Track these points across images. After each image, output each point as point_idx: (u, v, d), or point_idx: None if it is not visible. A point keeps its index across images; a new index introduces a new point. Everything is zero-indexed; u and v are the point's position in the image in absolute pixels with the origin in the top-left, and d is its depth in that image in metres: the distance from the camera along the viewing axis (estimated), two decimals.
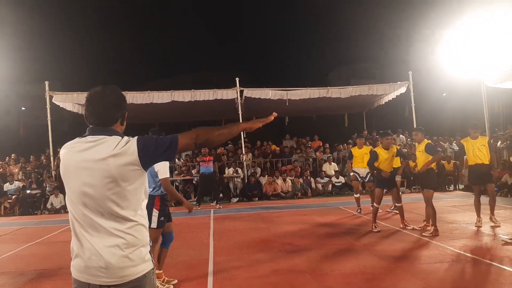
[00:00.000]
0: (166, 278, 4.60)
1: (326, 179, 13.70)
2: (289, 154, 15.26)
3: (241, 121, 13.39)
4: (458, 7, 14.37)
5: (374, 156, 7.02)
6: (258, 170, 14.19)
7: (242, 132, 13.86)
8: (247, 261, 5.42)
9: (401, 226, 7.13)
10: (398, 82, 14.10)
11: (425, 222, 6.86)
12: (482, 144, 6.87)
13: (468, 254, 5.16)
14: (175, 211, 11.10)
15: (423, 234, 6.47)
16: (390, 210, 8.90)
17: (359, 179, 8.94)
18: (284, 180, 13.24)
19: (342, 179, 13.93)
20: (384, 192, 7.13)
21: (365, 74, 28.11)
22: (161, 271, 4.57)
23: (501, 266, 4.61)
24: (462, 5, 13.82)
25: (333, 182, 13.69)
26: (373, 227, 6.98)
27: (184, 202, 4.52)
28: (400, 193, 7.56)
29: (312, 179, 13.75)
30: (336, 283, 4.33)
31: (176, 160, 14.83)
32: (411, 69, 14.20)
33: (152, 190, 4.32)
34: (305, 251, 5.80)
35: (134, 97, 12.36)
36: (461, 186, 12.64)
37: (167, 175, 4.29)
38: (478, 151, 6.87)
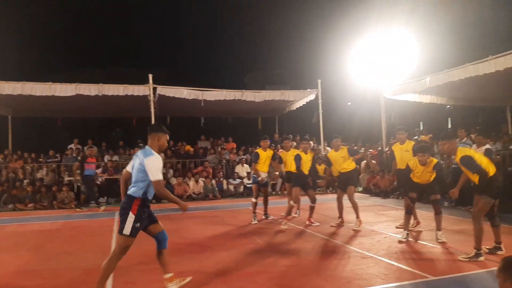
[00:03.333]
0: (179, 279, 4.17)
1: (238, 180, 13.86)
2: (203, 155, 15.15)
3: (153, 119, 12.94)
4: (364, 22, 15.61)
5: (298, 159, 7.57)
6: (171, 171, 13.82)
7: None
8: (151, 264, 5.19)
9: (307, 222, 7.58)
10: (308, 90, 14.81)
11: (340, 218, 7.37)
12: (406, 149, 7.09)
13: (365, 252, 5.57)
14: (75, 213, 10.37)
15: (353, 229, 7.08)
16: (334, 225, 7.71)
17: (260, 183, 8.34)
18: (196, 181, 13.09)
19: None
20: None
21: (279, 80, 29.18)
22: (172, 273, 4.13)
23: (390, 261, 5.06)
24: (367, 20, 15.02)
25: (245, 184, 13.89)
26: (283, 223, 7.44)
27: (179, 202, 4.11)
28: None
29: (224, 181, 13.80)
30: (240, 283, 4.37)
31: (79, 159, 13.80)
32: (321, 78, 15.03)
33: (135, 189, 3.83)
34: (213, 252, 5.77)
35: (33, 89, 11.22)
36: (360, 189, 13.65)
37: (160, 177, 3.77)
38: (405, 155, 7.06)
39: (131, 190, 3.90)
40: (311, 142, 15.01)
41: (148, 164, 3.75)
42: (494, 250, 5.18)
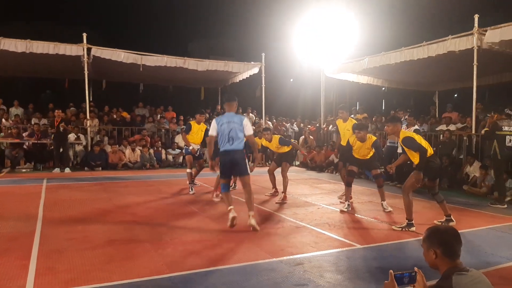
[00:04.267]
0: None
1: (178, 150, 13.61)
2: (141, 123, 14.62)
3: (86, 82, 12.17)
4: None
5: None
6: (106, 139, 13.19)
7: (88, 95, 12.68)
8: (81, 232, 4.99)
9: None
10: (252, 62, 14.74)
11: (284, 193, 7.48)
12: (347, 128, 7.24)
13: (298, 221, 5.78)
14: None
15: (276, 202, 7.25)
16: (268, 195, 8.07)
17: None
18: (133, 150, 12.65)
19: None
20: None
21: (223, 52, 28.66)
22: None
23: (321, 231, 5.31)
24: None
25: (184, 154, 13.68)
26: (214, 196, 7.44)
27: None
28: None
29: (163, 150, 13.48)
30: (175, 250, 4.33)
31: (3, 120, 12.70)
32: (265, 52, 15.00)
33: (239, 143, 5.27)
34: (147, 222, 5.66)
35: None
36: (297, 163, 14.08)
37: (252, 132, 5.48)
38: (346, 133, 7.25)
39: (236, 145, 5.19)
40: (251, 115, 15.10)
41: (246, 123, 5.27)
42: (446, 222, 5.58)
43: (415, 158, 5.30)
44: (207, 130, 7.72)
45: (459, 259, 2.02)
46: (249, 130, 5.30)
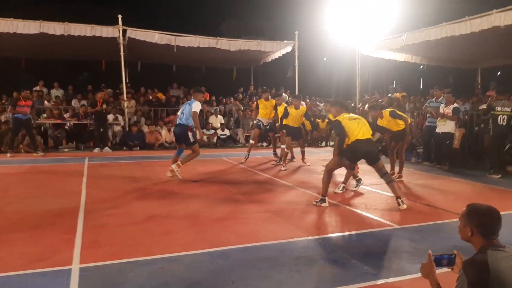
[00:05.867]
0: None
1: (212, 131, 13.76)
2: (176, 104, 14.83)
3: (123, 64, 12.41)
4: None
5: (286, 113, 8.66)
6: (142, 120, 13.51)
7: (124, 76, 12.94)
8: (121, 208, 5.19)
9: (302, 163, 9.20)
10: (285, 41, 14.52)
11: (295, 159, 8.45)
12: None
13: (334, 201, 5.74)
14: (42, 158, 10.08)
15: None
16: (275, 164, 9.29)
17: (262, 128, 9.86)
18: (169, 130, 12.89)
19: (227, 132, 14.15)
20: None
21: (255, 31, 28.33)
22: None
23: (356, 210, 5.26)
24: None
25: (219, 135, 13.84)
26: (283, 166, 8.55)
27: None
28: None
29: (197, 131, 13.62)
30: (211, 227, 4.42)
31: (45, 102, 13.24)
32: (298, 30, 14.70)
33: None
34: (184, 199, 5.79)
35: None
36: (331, 143, 13.90)
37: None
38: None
39: None
40: (284, 94, 15.00)
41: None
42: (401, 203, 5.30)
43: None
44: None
45: (496, 238, 1.96)
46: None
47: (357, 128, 5.32)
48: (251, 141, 9.91)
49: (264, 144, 13.38)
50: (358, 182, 6.63)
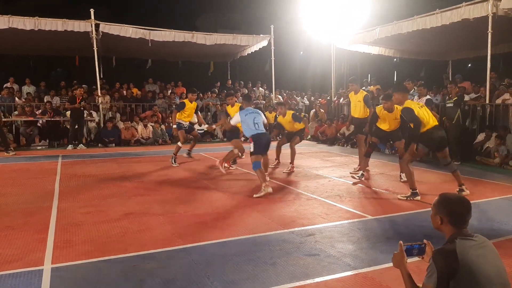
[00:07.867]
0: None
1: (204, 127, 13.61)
2: (152, 99, 14.65)
3: (96, 59, 12.16)
4: None
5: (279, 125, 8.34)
6: (118, 116, 13.28)
7: (98, 71, 12.67)
8: (96, 206, 5.12)
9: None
10: (261, 35, 14.51)
11: (291, 163, 7.76)
12: (358, 100, 7.40)
13: (309, 194, 5.83)
14: (13, 157, 9.80)
15: (283, 172, 7.60)
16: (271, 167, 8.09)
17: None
18: (145, 126, 12.74)
19: (204, 127, 14.04)
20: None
21: (231, 25, 28.21)
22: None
23: (332, 202, 5.35)
24: None
25: (196, 130, 13.70)
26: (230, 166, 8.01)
27: None
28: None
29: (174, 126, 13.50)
30: (188, 223, 4.43)
31: (16, 99, 12.84)
32: (274, 25, 14.71)
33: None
34: (160, 195, 5.76)
35: None
36: (308, 137, 14.04)
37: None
38: (358, 105, 7.42)
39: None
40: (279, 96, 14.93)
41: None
42: (459, 192, 5.50)
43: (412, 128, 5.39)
44: (197, 107, 8.81)
45: (466, 228, 2.03)
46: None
47: (427, 115, 5.36)
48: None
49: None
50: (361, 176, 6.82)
